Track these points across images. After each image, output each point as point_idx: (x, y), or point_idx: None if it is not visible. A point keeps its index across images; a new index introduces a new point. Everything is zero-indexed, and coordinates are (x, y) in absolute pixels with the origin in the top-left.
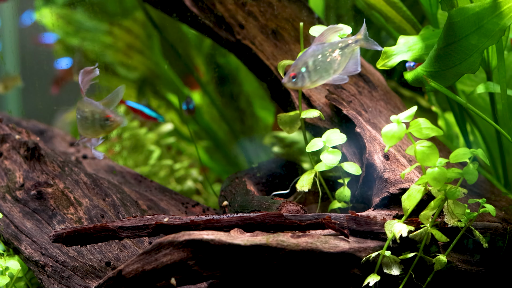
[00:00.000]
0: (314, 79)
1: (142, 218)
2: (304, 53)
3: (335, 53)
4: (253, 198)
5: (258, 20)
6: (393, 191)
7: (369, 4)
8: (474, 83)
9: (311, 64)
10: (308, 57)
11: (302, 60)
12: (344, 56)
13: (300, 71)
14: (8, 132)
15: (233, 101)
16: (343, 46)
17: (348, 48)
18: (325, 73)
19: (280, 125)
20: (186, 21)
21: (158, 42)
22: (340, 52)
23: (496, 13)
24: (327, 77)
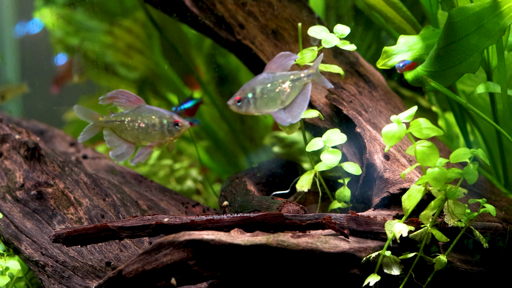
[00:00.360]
0: (259, 107)
1: (142, 218)
2: (254, 79)
3: (285, 85)
4: (253, 198)
5: (258, 20)
6: (393, 191)
7: (369, 5)
8: (474, 83)
9: (258, 91)
10: (256, 84)
11: (250, 86)
12: (294, 89)
13: (247, 96)
14: (8, 132)
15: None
16: (294, 79)
17: (299, 81)
18: (272, 102)
19: (280, 126)
20: (186, 21)
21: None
22: (291, 85)
23: (496, 12)
24: (273, 107)
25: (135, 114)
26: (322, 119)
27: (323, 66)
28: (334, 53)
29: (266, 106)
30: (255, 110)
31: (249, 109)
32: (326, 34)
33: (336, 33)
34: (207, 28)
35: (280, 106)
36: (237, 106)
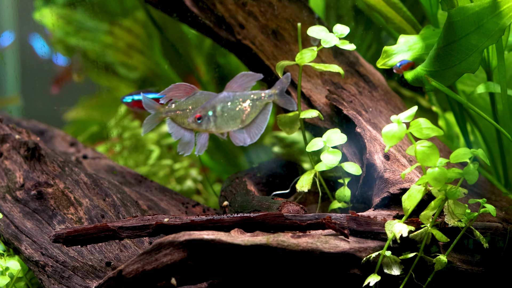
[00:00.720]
0: (219, 125)
1: (143, 218)
2: (214, 97)
3: (245, 104)
4: (254, 198)
5: (259, 20)
6: (394, 191)
7: (369, 5)
8: (474, 83)
9: (219, 109)
10: (217, 102)
11: (211, 104)
12: (254, 108)
13: (207, 114)
14: (8, 132)
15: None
16: (255, 98)
17: (259, 101)
18: (232, 121)
19: (280, 126)
20: (186, 21)
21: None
22: (251, 104)
23: (496, 12)
24: (233, 125)
25: (195, 101)
26: (322, 119)
27: (323, 66)
28: (334, 53)
29: (226, 125)
30: (215, 128)
31: (209, 127)
32: (325, 34)
33: (336, 32)
34: (207, 28)
35: (240, 125)
36: (197, 124)
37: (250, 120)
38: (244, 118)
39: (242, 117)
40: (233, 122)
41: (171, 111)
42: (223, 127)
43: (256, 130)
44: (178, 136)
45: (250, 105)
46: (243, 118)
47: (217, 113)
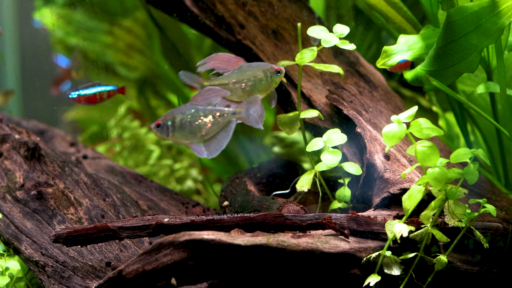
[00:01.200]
0: (177, 137)
1: (143, 218)
2: (178, 108)
3: (207, 119)
4: (254, 198)
5: (259, 20)
6: (394, 191)
7: (369, 5)
8: (474, 83)
9: (178, 121)
10: (177, 113)
11: (172, 114)
12: (216, 125)
13: (166, 123)
14: (8, 132)
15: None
16: (217, 115)
17: (222, 118)
18: (191, 134)
19: (280, 126)
20: (186, 21)
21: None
22: (213, 120)
23: (495, 12)
24: (192, 139)
25: (239, 75)
26: (322, 119)
27: (323, 66)
28: (335, 53)
29: (185, 137)
30: (173, 139)
31: (168, 136)
32: (325, 34)
33: (336, 32)
34: (208, 28)
35: (199, 140)
36: (156, 131)
37: (210, 136)
38: (203, 133)
39: (202, 132)
40: (191, 136)
41: (214, 85)
42: (181, 139)
43: (216, 146)
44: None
45: (211, 121)
46: (202, 133)
47: (176, 124)
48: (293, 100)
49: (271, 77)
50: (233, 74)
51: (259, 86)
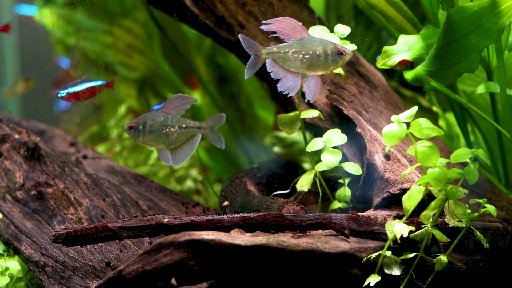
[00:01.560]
0: (146, 141)
1: (143, 218)
2: (150, 113)
3: (173, 129)
4: (254, 198)
5: (259, 20)
6: (394, 191)
7: (370, 4)
8: (475, 83)
9: (147, 126)
10: (148, 119)
11: (143, 119)
12: (181, 135)
13: (138, 127)
14: (8, 132)
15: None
16: (183, 126)
17: (187, 130)
18: (158, 140)
19: (280, 126)
20: (186, 21)
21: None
22: (178, 131)
23: (495, 12)
24: (159, 145)
25: (299, 45)
26: (322, 119)
27: None
28: None
29: (153, 142)
30: (143, 142)
31: (137, 139)
32: (326, 34)
33: (337, 33)
34: (208, 28)
35: (166, 147)
36: (128, 132)
37: (176, 145)
38: (170, 141)
39: (169, 139)
40: (159, 142)
41: (273, 52)
42: (150, 143)
43: (182, 156)
44: (279, 76)
45: (177, 131)
46: (169, 141)
47: (146, 129)
48: (293, 100)
49: (332, 56)
50: (294, 44)
51: (316, 62)
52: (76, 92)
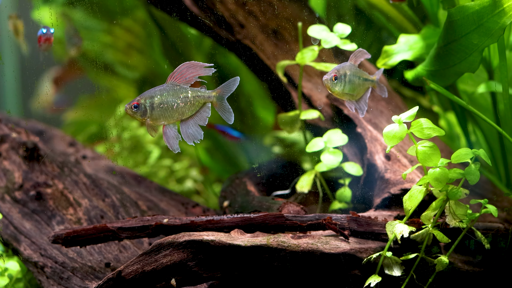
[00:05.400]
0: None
1: (142, 218)
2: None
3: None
4: (254, 199)
5: (259, 19)
6: (395, 191)
7: (370, 4)
8: (476, 82)
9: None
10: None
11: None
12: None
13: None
14: (7, 132)
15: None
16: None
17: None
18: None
19: (281, 126)
20: (186, 21)
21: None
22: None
23: (496, 11)
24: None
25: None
26: (322, 120)
27: (323, 66)
28: (335, 53)
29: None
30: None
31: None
32: (326, 34)
33: (337, 32)
34: (207, 28)
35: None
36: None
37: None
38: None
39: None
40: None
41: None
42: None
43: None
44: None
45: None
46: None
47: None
48: (293, 100)
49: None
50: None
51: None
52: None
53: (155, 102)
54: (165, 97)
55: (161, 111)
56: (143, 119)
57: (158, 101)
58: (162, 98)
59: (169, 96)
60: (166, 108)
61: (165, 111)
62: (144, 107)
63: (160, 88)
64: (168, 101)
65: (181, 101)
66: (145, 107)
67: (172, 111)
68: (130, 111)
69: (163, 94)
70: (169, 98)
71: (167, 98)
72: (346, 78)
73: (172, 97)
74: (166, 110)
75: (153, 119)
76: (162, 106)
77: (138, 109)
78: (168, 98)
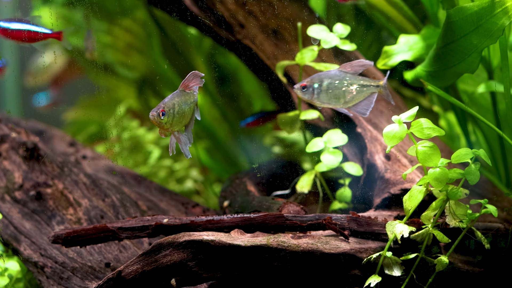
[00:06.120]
0: (322, 99)
1: (142, 218)
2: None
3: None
4: (254, 199)
5: (259, 19)
6: (395, 191)
7: (370, 4)
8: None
9: (324, 84)
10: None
11: (319, 77)
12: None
13: (312, 85)
14: (7, 132)
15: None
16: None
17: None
18: (335, 98)
19: (280, 126)
20: (186, 20)
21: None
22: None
23: (495, 12)
24: (335, 103)
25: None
26: (322, 120)
27: (323, 66)
28: (335, 52)
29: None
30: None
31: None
32: (326, 34)
33: (336, 32)
34: (207, 28)
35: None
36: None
37: (353, 103)
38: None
39: (346, 97)
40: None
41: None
42: (325, 102)
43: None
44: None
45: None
46: (346, 99)
47: (322, 88)
48: (293, 100)
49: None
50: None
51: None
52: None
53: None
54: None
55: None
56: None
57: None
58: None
59: (182, 103)
60: (181, 114)
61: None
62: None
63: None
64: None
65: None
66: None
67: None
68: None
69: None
70: (182, 104)
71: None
72: (321, 87)
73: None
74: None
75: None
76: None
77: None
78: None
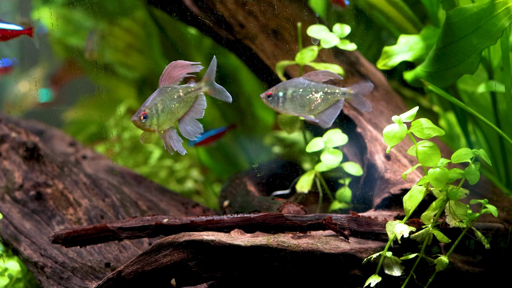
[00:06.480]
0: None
1: (142, 218)
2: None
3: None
4: (254, 199)
5: (259, 19)
6: (395, 191)
7: (370, 4)
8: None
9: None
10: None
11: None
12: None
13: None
14: (7, 132)
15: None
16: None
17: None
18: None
19: (281, 126)
20: (186, 20)
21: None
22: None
23: (495, 13)
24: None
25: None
26: None
27: (323, 65)
28: (335, 52)
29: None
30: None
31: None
32: (325, 34)
33: (336, 32)
34: (207, 28)
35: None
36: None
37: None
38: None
39: (311, 106)
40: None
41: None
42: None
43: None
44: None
45: (321, 97)
46: (311, 107)
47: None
48: None
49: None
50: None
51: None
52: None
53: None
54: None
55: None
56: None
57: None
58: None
59: (167, 100)
60: (300, 101)
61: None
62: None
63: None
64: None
65: (176, 101)
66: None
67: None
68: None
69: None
70: (167, 101)
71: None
72: (286, 95)
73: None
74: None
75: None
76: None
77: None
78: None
